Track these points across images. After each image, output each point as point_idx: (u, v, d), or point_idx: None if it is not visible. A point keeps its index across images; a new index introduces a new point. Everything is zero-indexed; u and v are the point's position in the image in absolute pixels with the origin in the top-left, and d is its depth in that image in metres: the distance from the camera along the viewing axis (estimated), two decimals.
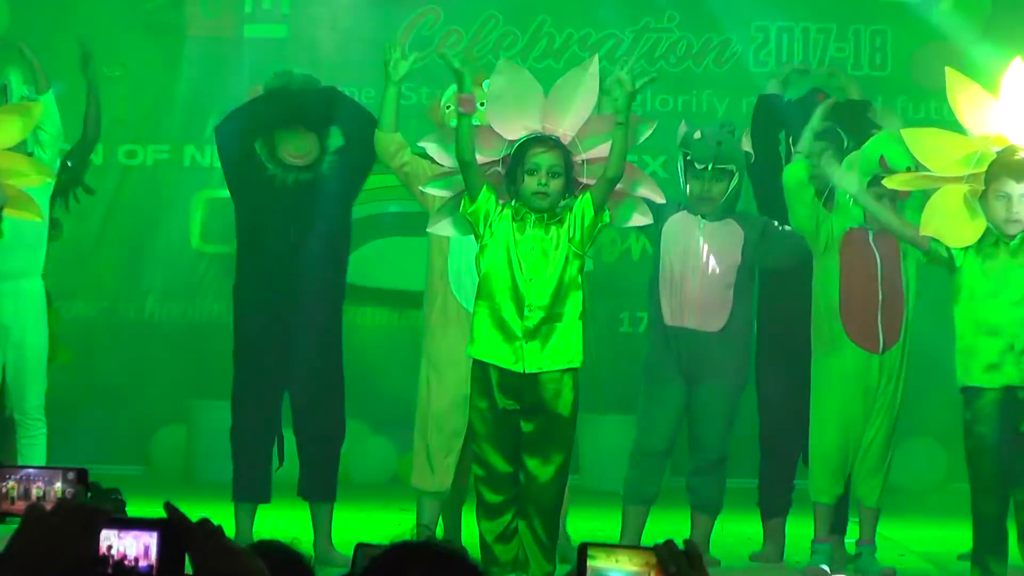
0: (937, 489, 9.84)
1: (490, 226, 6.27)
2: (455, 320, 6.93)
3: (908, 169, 6.83)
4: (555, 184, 6.25)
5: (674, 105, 10.98)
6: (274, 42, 11.08)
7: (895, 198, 6.94)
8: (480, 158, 6.34)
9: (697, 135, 7.26)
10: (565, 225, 6.28)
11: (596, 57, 6.57)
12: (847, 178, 6.98)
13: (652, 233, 7.24)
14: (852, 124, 7.38)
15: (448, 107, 7.08)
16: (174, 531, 2.51)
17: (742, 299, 7.30)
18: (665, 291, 7.26)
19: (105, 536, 2.52)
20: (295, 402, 7.27)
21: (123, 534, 2.52)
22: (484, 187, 6.26)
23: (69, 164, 7.82)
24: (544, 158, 6.25)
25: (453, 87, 6.90)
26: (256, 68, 10.00)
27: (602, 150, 6.35)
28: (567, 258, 6.28)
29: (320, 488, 7.22)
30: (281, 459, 7.24)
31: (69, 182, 7.88)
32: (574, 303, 6.31)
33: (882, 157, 6.93)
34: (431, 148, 6.58)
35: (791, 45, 11.13)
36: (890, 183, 6.83)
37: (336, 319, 7.37)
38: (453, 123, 6.54)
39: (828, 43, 11.11)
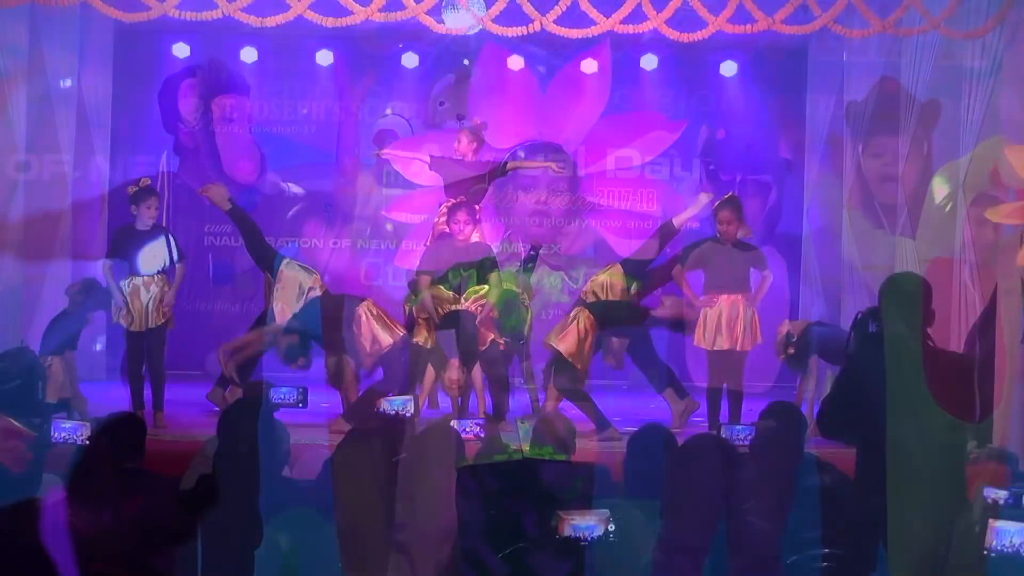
0: None
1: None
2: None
3: None
4: (556, 204, 5.31)
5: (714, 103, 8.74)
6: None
7: (997, 228, 5.87)
8: (461, 173, 5.43)
9: (722, 134, 6.26)
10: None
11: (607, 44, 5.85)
12: None
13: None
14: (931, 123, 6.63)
15: (441, 103, 6.40)
16: None
17: (796, 354, 6.29)
18: (693, 351, 6.58)
19: None
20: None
21: None
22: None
23: None
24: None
25: (444, 79, 6.54)
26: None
27: (612, 163, 5.92)
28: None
29: None
30: None
31: None
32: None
33: (995, 169, 5.75)
34: (389, 155, 6.13)
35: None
36: (994, 216, 5.70)
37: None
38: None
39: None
